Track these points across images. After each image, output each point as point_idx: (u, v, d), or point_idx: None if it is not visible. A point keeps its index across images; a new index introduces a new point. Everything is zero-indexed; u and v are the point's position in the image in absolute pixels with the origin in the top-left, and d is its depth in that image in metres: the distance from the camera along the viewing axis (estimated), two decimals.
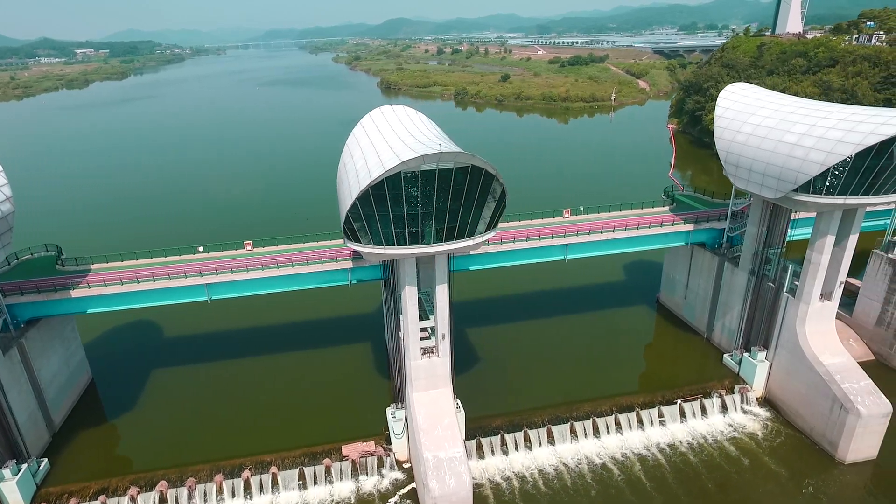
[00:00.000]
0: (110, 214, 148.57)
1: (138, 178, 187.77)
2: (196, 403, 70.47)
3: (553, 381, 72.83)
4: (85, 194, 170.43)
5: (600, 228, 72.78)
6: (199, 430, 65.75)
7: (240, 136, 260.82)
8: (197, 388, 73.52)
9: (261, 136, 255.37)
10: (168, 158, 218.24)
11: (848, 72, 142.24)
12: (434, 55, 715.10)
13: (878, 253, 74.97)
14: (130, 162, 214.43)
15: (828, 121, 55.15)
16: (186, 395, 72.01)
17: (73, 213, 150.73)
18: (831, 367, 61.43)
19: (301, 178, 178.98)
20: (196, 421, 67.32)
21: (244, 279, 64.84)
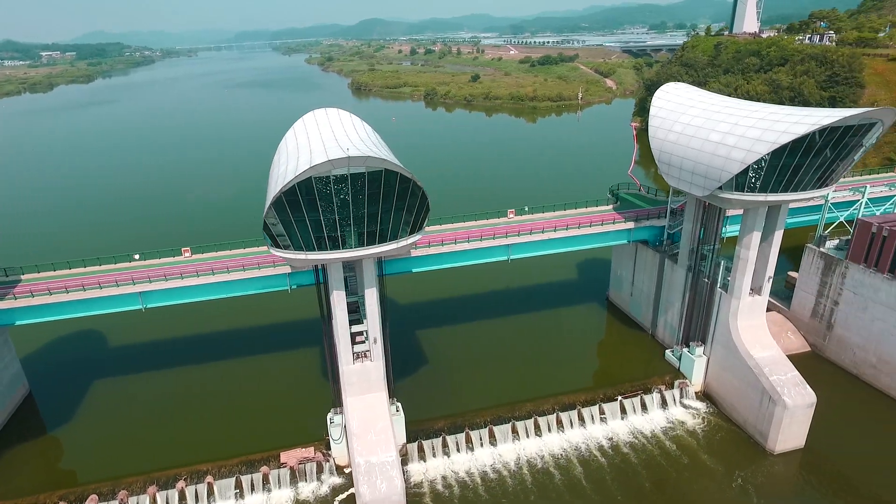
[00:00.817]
0: (56, 222, 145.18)
1: (88, 184, 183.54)
2: (133, 414, 69.22)
3: (498, 382, 73.21)
4: (31, 201, 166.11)
5: (542, 229, 73.38)
6: (135, 442, 64.58)
7: (203, 139, 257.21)
8: (135, 398, 72.22)
9: (224, 139, 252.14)
10: (123, 163, 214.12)
11: (796, 70, 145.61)
12: (407, 56, 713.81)
13: (811, 247, 76.96)
14: (83, 167, 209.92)
15: (748, 120, 56.38)
16: (124, 406, 70.70)
17: (12, 220, 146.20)
18: (761, 361, 62.84)
19: (255, 183, 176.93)
20: (132, 432, 66.12)
21: (179, 287, 63.96)
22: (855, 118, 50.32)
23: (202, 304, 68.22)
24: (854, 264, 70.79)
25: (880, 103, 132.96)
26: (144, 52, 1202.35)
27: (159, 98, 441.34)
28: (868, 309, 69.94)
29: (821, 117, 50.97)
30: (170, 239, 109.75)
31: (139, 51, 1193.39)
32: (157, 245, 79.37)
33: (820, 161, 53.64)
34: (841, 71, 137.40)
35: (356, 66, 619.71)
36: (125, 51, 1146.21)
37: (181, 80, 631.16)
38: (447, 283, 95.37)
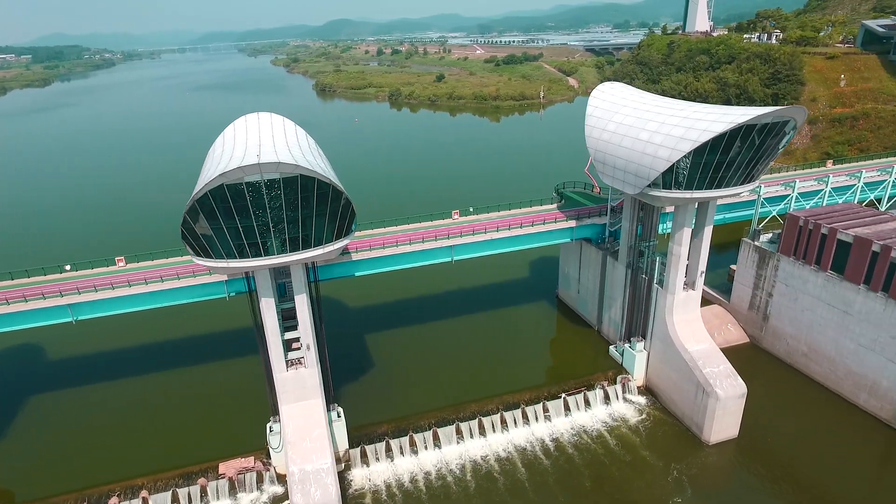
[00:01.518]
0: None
1: (25, 191, 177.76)
2: (65, 430, 67.27)
3: (444, 383, 73.36)
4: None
5: (484, 229, 73.64)
6: (66, 458, 62.78)
7: (153, 143, 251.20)
8: (67, 413, 70.23)
9: (175, 144, 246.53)
10: (63, 169, 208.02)
11: (742, 68, 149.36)
12: (374, 56, 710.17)
13: (747, 241, 79.08)
14: (20, 174, 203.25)
15: (674, 119, 57.53)
16: (55, 422, 68.67)
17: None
18: (695, 354, 64.27)
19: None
20: (63, 448, 64.24)
21: (111, 298, 62.28)
22: (768, 116, 51.71)
23: (138, 315, 66.62)
24: (785, 257, 72.99)
25: (819, 99, 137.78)
26: (104, 54, 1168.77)
27: (115, 102, 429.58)
28: (798, 300, 72.17)
29: (737, 116, 52.35)
30: (106, 248, 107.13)
31: (99, 53, 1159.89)
32: (92, 254, 77.46)
33: (741, 158, 55.00)
34: (783, 69, 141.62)
35: (322, 67, 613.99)
36: (84, 53, 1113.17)
37: (141, 83, 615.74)
38: (398, 285, 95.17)
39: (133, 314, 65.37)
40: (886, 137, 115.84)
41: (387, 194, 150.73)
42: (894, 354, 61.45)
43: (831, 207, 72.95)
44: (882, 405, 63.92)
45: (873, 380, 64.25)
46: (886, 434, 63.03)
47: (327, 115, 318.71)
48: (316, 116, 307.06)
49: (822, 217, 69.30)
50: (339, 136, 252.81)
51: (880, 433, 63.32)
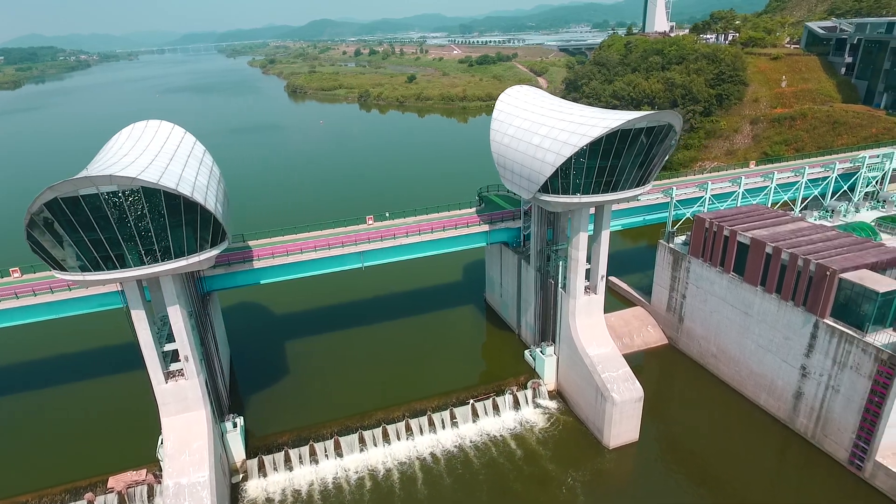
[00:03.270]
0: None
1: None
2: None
3: (354, 392, 72.52)
4: None
5: (393, 235, 72.91)
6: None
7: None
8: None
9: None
10: None
11: (690, 69, 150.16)
12: (352, 57, 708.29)
13: (663, 243, 79.21)
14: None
15: (562, 123, 57.31)
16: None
17: None
18: (595, 358, 64.12)
19: None
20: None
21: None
22: (643, 120, 51.66)
23: (26, 328, 64.96)
24: (694, 259, 73.15)
25: (761, 100, 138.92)
26: (80, 55, 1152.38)
27: (83, 105, 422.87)
28: (707, 301, 72.38)
29: (613, 120, 52.18)
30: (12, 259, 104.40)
31: (74, 55, 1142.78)
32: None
33: (625, 161, 54.86)
34: (727, 69, 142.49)
35: (298, 68, 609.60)
36: (59, 55, 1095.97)
37: (115, 84, 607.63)
38: (324, 290, 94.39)
39: (20, 327, 63.73)
40: (820, 137, 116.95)
41: (323, 199, 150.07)
42: (787, 355, 61.76)
43: (739, 209, 73.22)
44: (779, 405, 64.27)
45: (771, 380, 64.59)
46: (783, 432, 63.37)
47: (294, 117, 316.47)
48: (282, 119, 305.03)
49: (726, 219, 69.50)
50: (300, 138, 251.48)
51: (778, 432, 63.65)
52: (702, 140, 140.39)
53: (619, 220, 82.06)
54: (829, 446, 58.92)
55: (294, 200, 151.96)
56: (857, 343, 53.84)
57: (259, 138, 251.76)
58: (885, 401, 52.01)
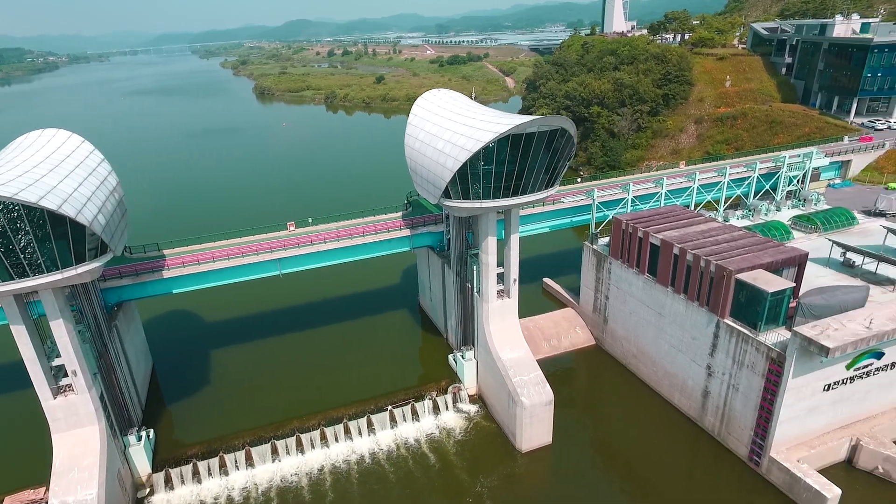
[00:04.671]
0: None
1: None
2: None
3: (271, 401, 71.45)
4: None
5: (310, 242, 71.85)
6: None
7: None
8: None
9: None
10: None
11: (639, 69, 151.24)
12: (325, 57, 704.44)
13: (587, 245, 79.46)
14: None
15: (463, 128, 57.00)
16: None
17: None
18: (508, 362, 63.97)
19: None
20: None
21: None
22: (533, 125, 51.56)
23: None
24: (615, 260, 73.44)
25: (706, 99, 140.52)
26: (49, 57, 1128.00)
27: (41, 109, 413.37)
28: (627, 302, 72.73)
29: (503, 125, 52.00)
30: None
31: (42, 56, 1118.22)
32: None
33: (521, 166, 54.68)
34: (673, 70, 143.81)
35: (269, 69, 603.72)
36: (27, 56, 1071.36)
37: (81, 87, 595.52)
38: (255, 296, 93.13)
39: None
40: (759, 136, 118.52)
41: (263, 203, 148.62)
42: (695, 355, 62.24)
43: (657, 210, 73.63)
44: (690, 403, 64.78)
45: (682, 379, 65.06)
46: (694, 431, 63.86)
47: (258, 120, 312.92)
48: (245, 121, 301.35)
49: (641, 220, 69.80)
50: (259, 141, 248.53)
51: (690, 430, 64.12)
52: (649, 139, 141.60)
53: (546, 222, 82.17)
54: (732, 443, 59.50)
55: (233, 205, 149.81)
56: (752, 342, 54.40)
57: (217, 142, 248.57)
58: (776, 398, 52.60)
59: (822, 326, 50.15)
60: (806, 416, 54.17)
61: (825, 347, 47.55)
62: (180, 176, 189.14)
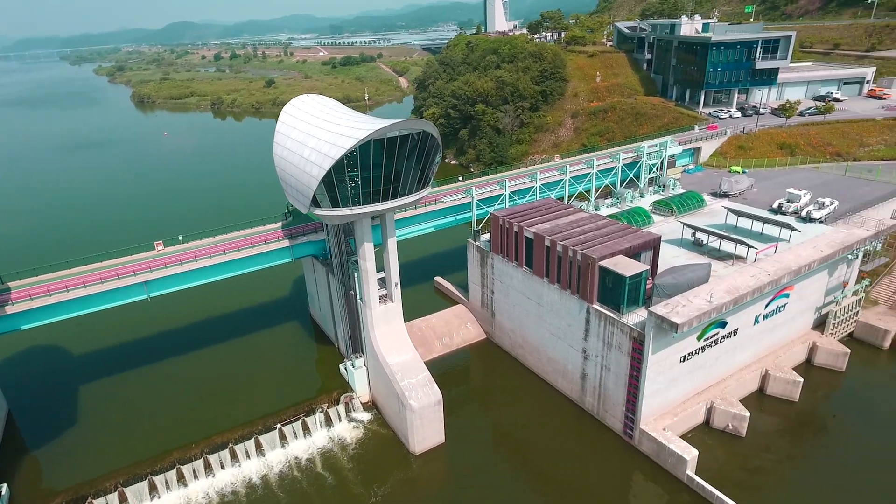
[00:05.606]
0: None
1: None
2: None
3: (147, 434, 66.60)
4: None
5: (179, 261, 67.73)
6: None
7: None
8: None
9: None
10: None
11: (518, 67, 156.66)
12: (212, 61, 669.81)
13: (470, 242, 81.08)
14: None
15: (328, 135, 55.82)
16: None
17: None
18: (395, 366, 63.85)
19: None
20: None
21: None
22: (394, 128, 51.64)
23: None
24: (496, 255, 75.47)
25: (580, 94, 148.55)
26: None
27: None
28: (510, 295, 75.04)
29: (364, 131, 51.65)
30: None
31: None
32: None
33: (388, 170, 54.60)
34: (549, 67, 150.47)
35: (150, 75, 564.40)
36: None
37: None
38: (127, 323, 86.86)
39: None
40: (627, 128, 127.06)
41: (134, 223, 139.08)
42: (572, 340, 65.39)
43: (531, 205, 76.44)
44: (571, 387, 68.04)
45: (563, 364, 68.17)
46: (577, 412, 67.10)
47: (138, 130, 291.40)
48: (120, 133, 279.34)
49: (517, 215, 72.18)
50: (138, 154, 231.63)
51: (573, 412, 67.27)
52: (532, 134, 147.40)
53: (429, 222, 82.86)
54: (609, 420, 63.22)
55: (103, 227, 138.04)
56: (617, 324, 58.00)
57: (90, 157, 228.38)
58: (640, 374, 56.45)
59: (673, 304, 54.49)
60: (667, 388, 58.65)
61: (675, 324, 51.65)
62: (49, 199, 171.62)
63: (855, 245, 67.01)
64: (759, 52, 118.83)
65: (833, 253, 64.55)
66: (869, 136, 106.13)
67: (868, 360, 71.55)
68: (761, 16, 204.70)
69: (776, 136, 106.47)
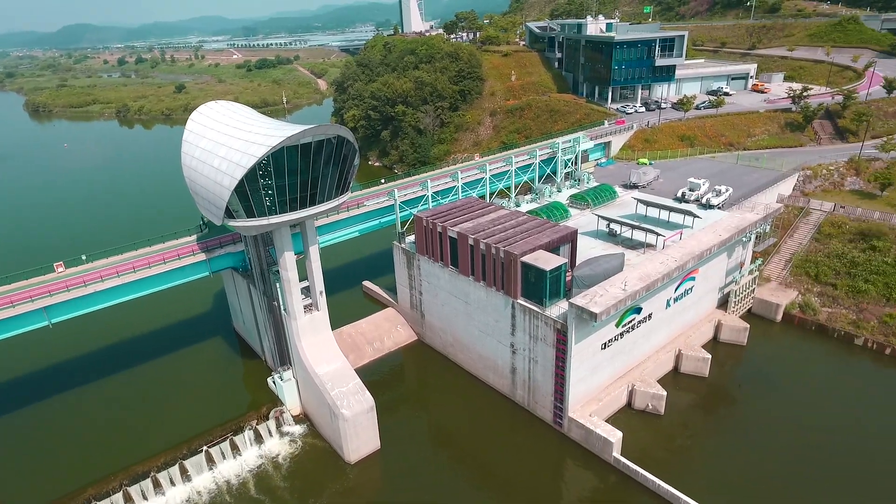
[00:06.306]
0: None
1: None
2: None
3: (58, 473, 61.88)
4: None
5: (83, 282, 63.05)
6: None
7: None
8: None
9: None
10: None
11: (436, 67, 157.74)
12: (116, 66, 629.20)
13: (396, 244, 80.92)
14: None
15: (239, 143, 53.89)
16: None
17: None
18: (324, 376, 62.71)
19: None
20: None
21: None
22: (307, 134, 50.73)
23: None
24: (422, 256, 75.71)
25: (497, 93, 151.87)
26: None
27: None
28: (438, 295, 75.54)
29: (276, 138, 50.40)
30: None
31: None
32: None
33: (304, 177, 53.50)
34: (465, 67, 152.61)
35: (45, 81, 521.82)
36: None
37: None
38: (24, 355, 79.98)
39: None
40: (543, 124, 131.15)
41: (32, 244, 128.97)
42: (501, 336, 66.78)
43: (453, 204, 77.27)
44: (502, 382, 69.51)
45: (493, 360, 69.49)
46: (510, 406, 68.63)
47: (32, 142, 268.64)
48: (14, 145, 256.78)
49: (440, 216, 72.67)
50: (33, 168, 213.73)
51: (506, 406, 68.75)
52: (453, 134, 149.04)
53: (353, 226, 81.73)
54: (539, 411, 65.15)
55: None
56: (541, 317, 59.84)
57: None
58: (566, 364, 58.55)
59: (591, 295, 56.89)
60: (591, 375, 61.24)
61: (594, 313, 53.95)
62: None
63: (748, 228, 72.75)
64: (657, 50, 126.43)
65: (730, 237, 69.76)
66: (755, 127, 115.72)
67: (764, 332, 77.89)
68: (658, 16, 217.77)
69: (677, 129, 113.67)
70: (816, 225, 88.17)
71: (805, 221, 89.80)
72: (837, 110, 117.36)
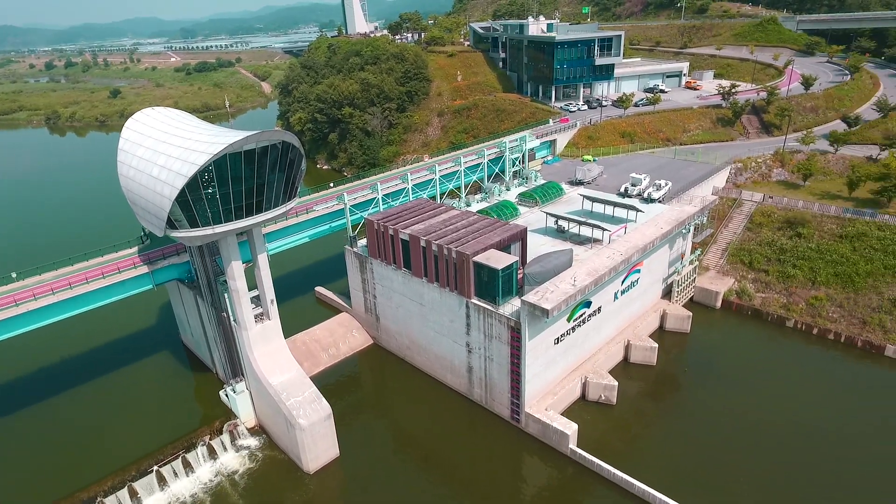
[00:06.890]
0: None
1: None
2: None
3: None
4: None
5: (14, 301, 59.58)
6: None
7: None
8: None
9: None
10: None
11: (382, 68, 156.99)
12: (43, 71, 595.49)
13: (347, 248, 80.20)
14: None
15: (178, 150, 52.14)
16: None
17: None
18: (278, 386, 61.53)
19: None
20: None
21: None
22: (250, 141, 49.66)
23: None
24: (375, 259, 75.31)
25: (444, 94, 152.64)
26: None
27: None
28: (392, 298, 75.37)
29: (219, 145, 49.10)
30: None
31: None
32: None
33: (249, 184, 52.32)
34: (412, 68, 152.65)
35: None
36: None
37: None
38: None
39: None
40: (489, 124, 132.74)
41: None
42: (456, 336, 67.27)
43: (404, 206, 77.18)
44: (459, 381, 70.07)
45: (450, 360, 69.94)
46: (467, 405, 69.26)
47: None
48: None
49: (391, 218, 72.48)
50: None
51: (464, 405, 69.31)
52: (401, 135, 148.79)
53: (303, 232, 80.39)
54: (497, 408, 66.02)
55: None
56: (495, 316, 60.67)
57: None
58: (520, 360, 59.58)
59: (542, 291, 58.11)
60: (546, 370, 62.56)
61: (545, 309, 55.14)
62: None
63: (687, 220, 76.05)
64: (597, 49, 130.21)
65: (671, 229, 72.72)
66: (689, 122, 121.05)
67: (706, 319, 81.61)
68: (595, 16, 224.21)
69: (618, 126, 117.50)
70: (748, 215, 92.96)
71: (738, 212, 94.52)
72: (763, 106, 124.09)
